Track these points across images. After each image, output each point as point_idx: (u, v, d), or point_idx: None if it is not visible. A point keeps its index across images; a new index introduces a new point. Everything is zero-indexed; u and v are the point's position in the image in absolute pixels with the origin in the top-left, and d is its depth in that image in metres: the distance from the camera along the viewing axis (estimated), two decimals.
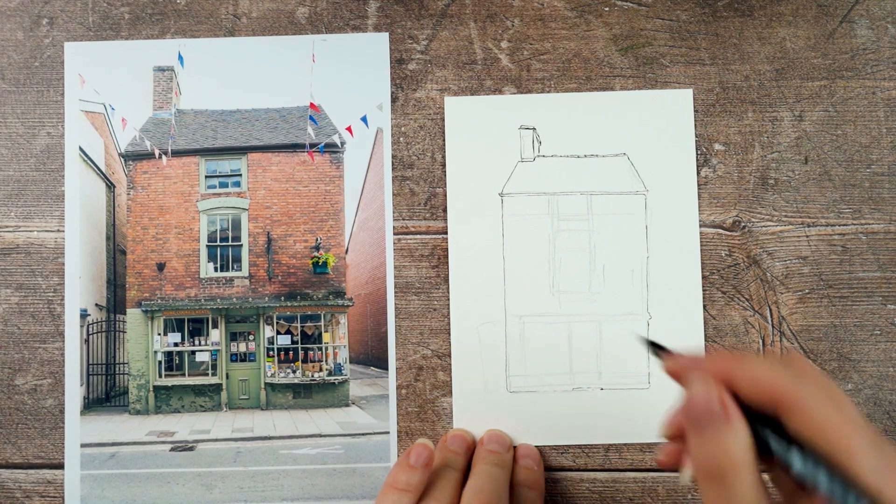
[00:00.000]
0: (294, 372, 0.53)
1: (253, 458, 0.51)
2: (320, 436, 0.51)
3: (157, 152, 0.53)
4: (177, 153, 0.53)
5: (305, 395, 0.53)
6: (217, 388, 0.53)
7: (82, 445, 0.51)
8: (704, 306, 0.50)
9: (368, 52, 0.52)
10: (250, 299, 0.53)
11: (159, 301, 0.53)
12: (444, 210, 0.51)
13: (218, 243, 0.53)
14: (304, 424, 0.52)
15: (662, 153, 0.51)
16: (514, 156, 0.51)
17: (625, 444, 0.50)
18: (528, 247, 0.51)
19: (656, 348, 0.37)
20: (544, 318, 0.50)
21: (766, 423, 0.32)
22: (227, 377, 0.54)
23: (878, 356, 0.50)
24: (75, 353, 0.51)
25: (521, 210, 0.51)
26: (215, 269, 0.53)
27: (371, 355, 0.52)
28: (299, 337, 0.54)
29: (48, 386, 0.51)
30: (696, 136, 0.51)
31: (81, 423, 0.51)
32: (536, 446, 0.50)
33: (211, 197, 0.53)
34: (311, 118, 0.52)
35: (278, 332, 0.54)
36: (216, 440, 0.51)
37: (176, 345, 0.53)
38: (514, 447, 0.50)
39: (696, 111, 0.51)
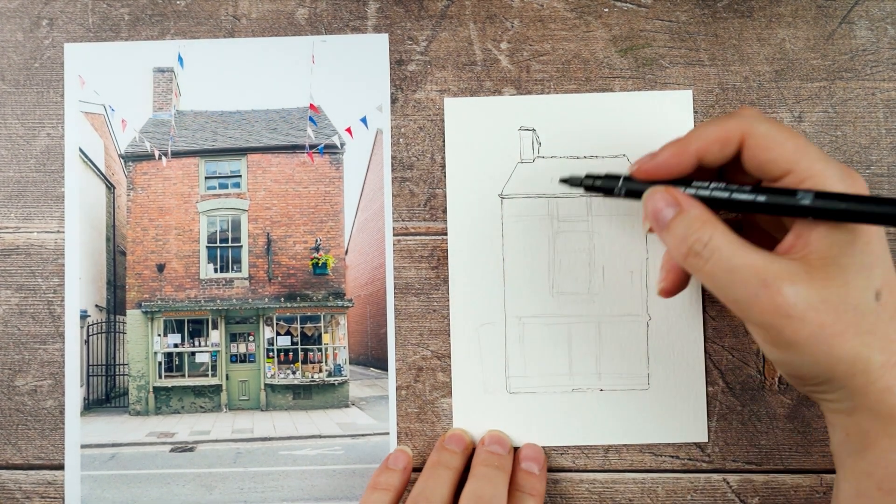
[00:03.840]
0: (294, 373, 0.53)
1: (253, 458, 0.51)
2: (320, 437, 0.51)
3: (156, 153, 0.53)
4: (176, 154, 0.53)
5: (305, 395, 0.53)
6: (217, 389, 0.53)
7: (82, 446, 0.51)
8: (704, 307, 0.50)
9: (368, 53, 0.52)
10: (250, 300, 0.53)
11: (159, 302, 0.53)
12: (444, 211, 0.51)
13: (218, 244, 0.53)
14: (303, 425, 0.52)
15: None
16: (513, 157, 0.51)
17: (624, 445, 0.50)
18: (527, 248, 0.51)
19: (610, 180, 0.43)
20: (544, 319, 0.50)
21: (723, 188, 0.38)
22: (227, 378, 0.54)
23: None
24: (75, 354, 0.51)
25: (521, 211, 0.51)
26: (215, 271, 0.53)
27: (371, 356, 0.52)
28: (299, 338, 0.54)
29: (48, 387, 0.51)
30: None
31: (81, 424, 0.51)
32: None
33: (211, 198, 0.53)
34: (310, 119, 0.53)
35: (278, 333, 0.54)
36: (216, 441, 0.51)
37: (176, 346, 0.53)
38: (517, 448, 0.50)
39: (695, 112, 0.51)
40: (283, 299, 0.53)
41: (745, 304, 0.36)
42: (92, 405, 0.52)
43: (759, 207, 0.37)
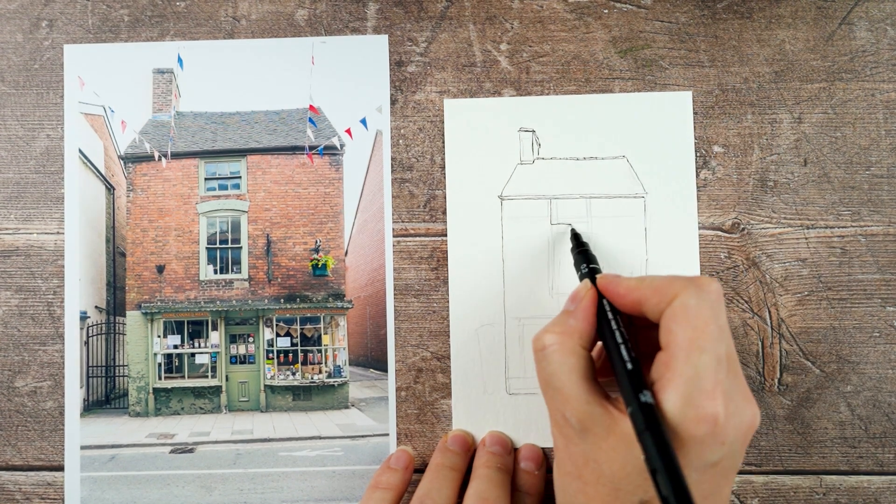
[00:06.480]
0: (293, 374, 0.53)
1: (252, 460, 0.51)
2: (320, 438, 0.51)
3: (156, 154, 0.53)
4: (176, 155, 0.53)
5: (305, 397, 0.53)
6: (217, 390, 0.53)
7: (82, 447, 0.51)
8: None
9: (368, 54, 0.52)
10: (250, 301, 0.53)
11: (159, 303, 0.53)
12: (444, 212, 0.51)
13: (217, 245, 0.53)
14: (303, 426, 0.52)
15: (661, 155, 0.51)
16: (513, 158, 0.51)
17: None
18: (527, 249, 0.51)
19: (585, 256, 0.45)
20: (543, 320, 0.50)
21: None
22: (227, 379, 0.54)
23: (877, 358, 0.50)
24: (75, 355, 0.51)
25: (521, 212, 0.51)
26: (215, 272, 0.53)
27: (370, 357, 0.52)
28: (299, 339, 0.54)
29: (48, 388, 0.51)
30: (696, 139, 0.51)
31: (81, 425, 0.51)
32: None
33: (210, 199, 0.53)
34: (310, 120, 0.53)
35: (278, 335, 0.54)
36: (216, 442, 0.51)
37: (175, 347, 0.53)
38: (517, 448, 0.50)
39: (695, 113, 0.51)
40: (282, 300, 0.53)
41: (549, 410, 0.39)
42: (92, 406, 0.52)
43: (622, 373, 0.36)
